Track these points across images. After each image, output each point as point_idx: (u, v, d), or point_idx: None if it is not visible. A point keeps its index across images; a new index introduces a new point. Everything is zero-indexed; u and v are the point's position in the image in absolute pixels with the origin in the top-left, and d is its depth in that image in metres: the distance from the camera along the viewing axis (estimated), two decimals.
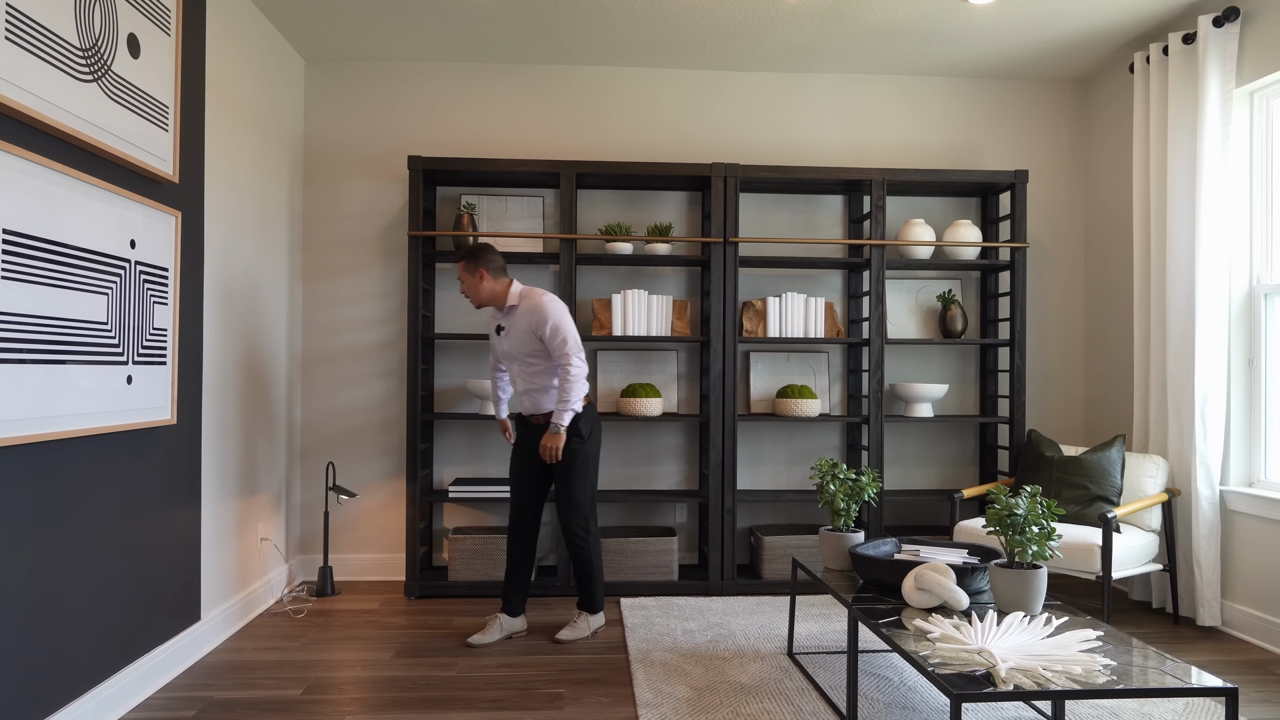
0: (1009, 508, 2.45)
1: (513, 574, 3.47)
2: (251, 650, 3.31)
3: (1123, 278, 4.35)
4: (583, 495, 3.40)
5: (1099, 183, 4.56)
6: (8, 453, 2.18)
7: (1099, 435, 4.53)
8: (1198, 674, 2.04)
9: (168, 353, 2.92)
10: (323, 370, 4.41)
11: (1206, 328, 3.63)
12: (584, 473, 3.40)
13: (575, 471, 3.38)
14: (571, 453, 3.36)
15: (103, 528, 2.61)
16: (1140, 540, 3.58)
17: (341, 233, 4.43)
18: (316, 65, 4.43)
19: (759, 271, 4.56)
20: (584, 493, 3.41)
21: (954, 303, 4.39)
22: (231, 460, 3.55)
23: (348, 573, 4.38)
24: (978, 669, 2.02)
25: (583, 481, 3.40)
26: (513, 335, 3.39)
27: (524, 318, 3.35)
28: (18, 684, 2.23)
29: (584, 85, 4.51)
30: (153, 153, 2.80)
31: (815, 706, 2.75)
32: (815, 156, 4.58)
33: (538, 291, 3.38)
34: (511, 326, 3.40)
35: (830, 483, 3.13)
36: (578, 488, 3.39)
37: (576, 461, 3.38)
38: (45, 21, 2.25)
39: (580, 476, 3.39)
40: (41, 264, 2.26)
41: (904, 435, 4.60)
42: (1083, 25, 3.96)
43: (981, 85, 4.65)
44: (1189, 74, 3.74)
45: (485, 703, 2.80)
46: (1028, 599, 2.42)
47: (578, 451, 3.37)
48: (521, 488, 3.47)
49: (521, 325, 3.35)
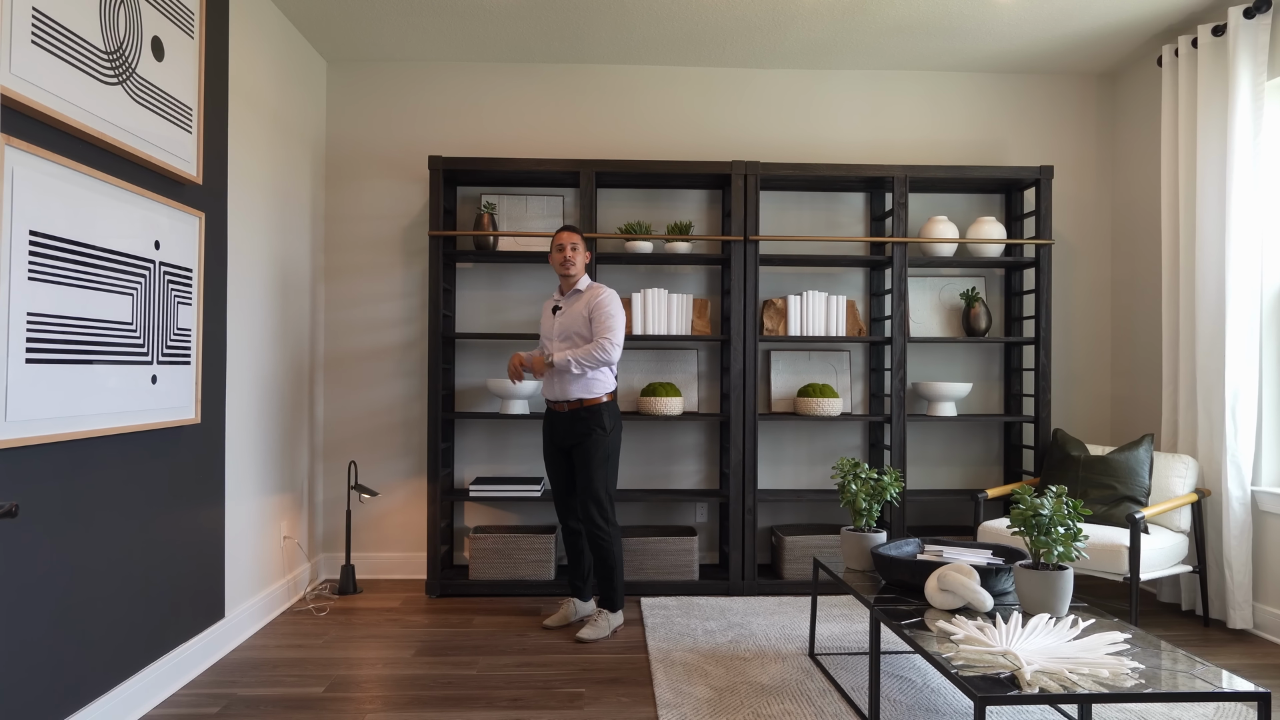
0: (1034, 508, 2.41)
1: (575, 563, 3.65)
2: (274, 648, 3.34)
3: (1150, 274, 4.27)
4: (601, 486, 3.46)
5: (1126, 178, 4.49)
6: (39, 451, 2.21)
7: (1126, 435, 4.46)
8: (1228, 678, 2.00)
9: (191, 353, 2.95)
10: (345, 369, 4.44)
11: (1237, 325, 3.56)
12: (604, 464, 3.47)
13: (596, 462, 3.45)
14: (594, 444, 3.45)
15: (128, 526, 2.65)
16: (1169, 541, 3.52)
17: (363, 233, 4.45)
18: (338, 66, 4.46)
19: (780, 270, 4.53)
20: (603, 484, 3.47)
21: (978, 300, 4.34)
22: (255, 459, 3.58)
23: (370, 571, 4.41)
24: (1002, 671, 1.99)
25: (603, 473, 3.47)
26: (568, 315, 3.52)
27: (584, 301, 3.50)
28: (46, 679, 2.26)
29: (603, 84, 4.50)
30: (176, 154, 2.83)
31: (837, 708, 2.73)
32: (836, 153, 4.54)
33: (605, 287, 3.61)
34: (569, 308, 3.53)
35: (852, 482, 3.10)
36: (597, 477, 3.45)
37: (598, 452, 3.45)
38: (71, 25, 2.28)
39: (601, 467, 3.46)
40: (69, 265, 2.29)
41: (927, 434, 4.56)
42: (1109, 19, 3.90)
43: (1005, 80, 4.59)
44: (1219, 67, 3.67)
45: (505, 701, 2.80)
46: (1053, 601, 2.38)
47: (599, 443, 3.45)
48: (555, 479, 3.63)
49: (579, 307, 3.50)
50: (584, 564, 3.65)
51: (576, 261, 3.53)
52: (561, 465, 3.61)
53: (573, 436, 3.50)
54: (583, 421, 3.47)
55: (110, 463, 2.54)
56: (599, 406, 3.48)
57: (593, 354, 3.40)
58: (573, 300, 3.54)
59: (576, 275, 3.55)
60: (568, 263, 3.52)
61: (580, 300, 3.52)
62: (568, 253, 3.51)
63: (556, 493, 3.64)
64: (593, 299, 3.48)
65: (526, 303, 4.46)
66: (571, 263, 3.52)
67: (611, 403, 3.53)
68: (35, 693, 2.22)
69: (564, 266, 3.53)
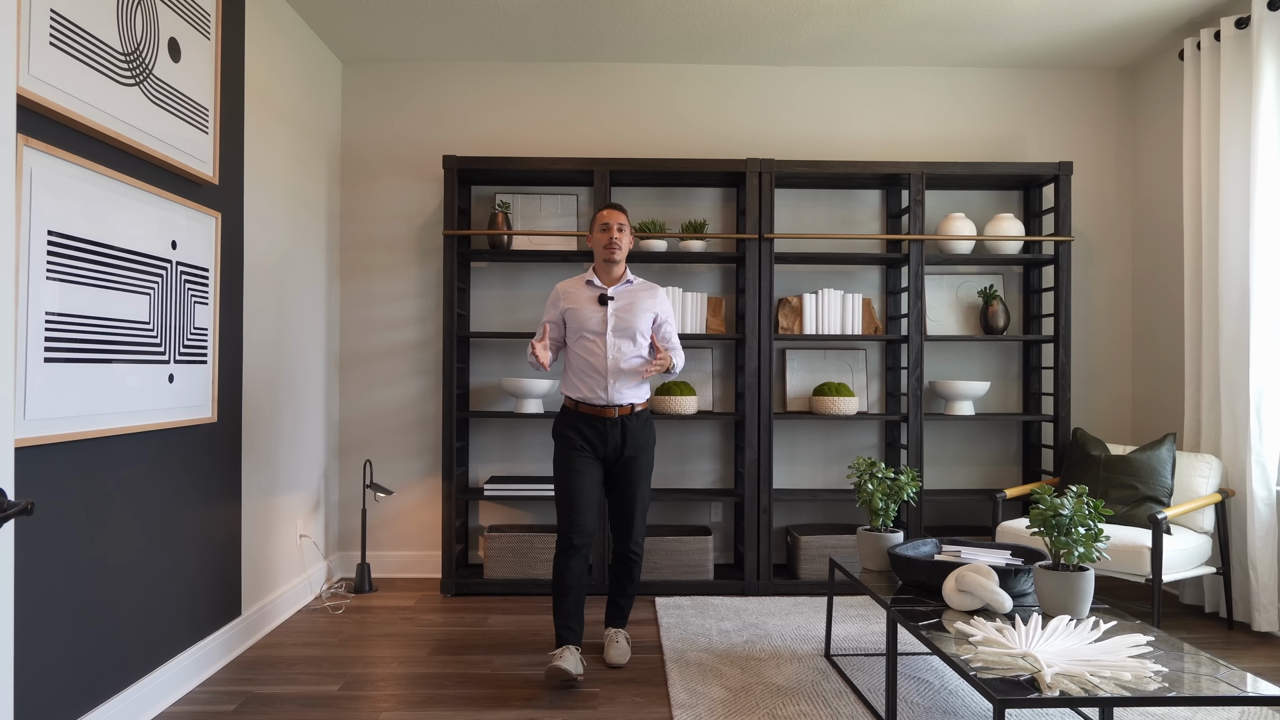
0: (1054, 508, 2.38)
1: (578, 601, 3.04)
2: (290, 646, 3.35)
3: (1172, 271, 4.22)
4: (645, 505, 3.14)
5: (1147, 174, 4.43)
6: (57, 449, 2.22)
7: (1148, 434, 4.40)
8: (1253, 681, 1.96)
9: (208, 352, 2.97)
10: (360, 369, 4.45)
11: (1261, 322, 3.50)
12: (649, 481, 3.15)
13: (645, 480, 3.11)
14: (648, 456, 3.12)
15: (146, 524, 2.66)
16: (1192, 542, 3.46)
17: (378, 232, 4.47)
18: (353, 67, 4.47)
19: (795, 268, 4.51)
20: (647, 503, 3.16)
21: (996, 298, 4.30)
22: (271, 458, 3.59)
23: (385, 569, 4.42)
24: (1022, 674, 1.97)
25: (648, 489, 3.16)
26: (631, 310, 3.07)
27: (646, 296, 3.12)
28: (66, 675, 2.28)
29: (617, 82, 4.49)
30: (193, 155, 2.84)
31: (853, 709, 2.71)
32: (852, 151, 4.51)
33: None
34: (627, 301, 3.09)
35: (868, 482, 3.08)
36: (646, 496, 3.13)
37: (649, 466, 3.13)
38: (88, 27, 2.30)
39: (648, 484, 3.14)
40: (86, 265, 2.31)
41: (944, 433, 4.52)
42: (1129, 12, 3.84)
43: (1024, 76, 4.54)
44: (1242, 60, 3.61)
45: (520, 701, 2.80)
46: (1074, 602, 2.35)
47: (650, 455, 3.13)
48: (583, 497, 3.02)
49: (645, 304, 3.10)
50: (582, 599, 3.07)
51: (623, 244, 3.09)
52: (593, 477, 3.05)
53: (629, 448, 3.06)
54: (635, 431, 3.06)
55: (128, 461, 2.55)
56: (647, 414, 3.14)
57: (682, 361, 3.16)
58: (628, 293, 3.11)
59: (621, 261, 3.11)
60: (613, 245, 3.06)
61: (637, 295, 3.11)
62: (614, 234, 3.06)
63: (580, 512, 3.00)
64: (655, 296, 3.14)
65: (541, 302, 4.46)
66: (618, 245, 3.06)
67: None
68: (55, 689, 2.24)
69: (609, 250, 3.06)
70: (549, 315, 3.18)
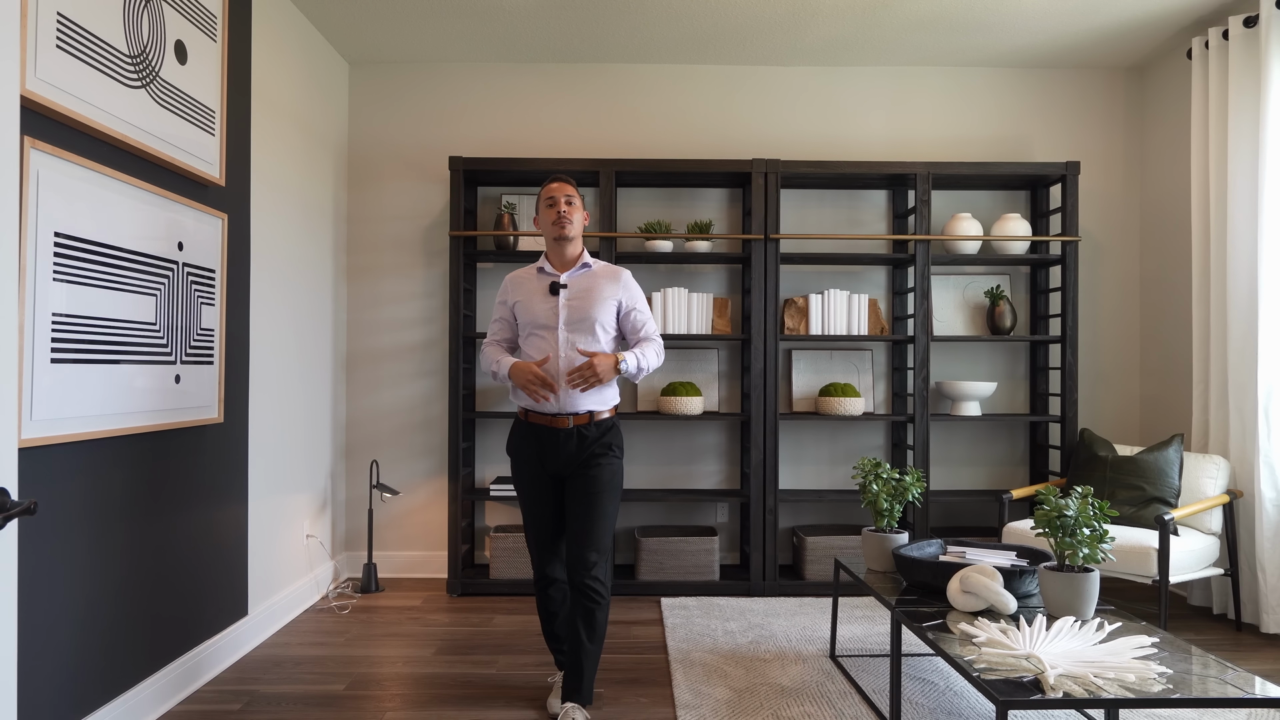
0: (1059, 509, 2.37)
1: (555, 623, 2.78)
2: (297, 645, 3.36)
3: (1180, 272, 4.19)
4: (606, 526, 2.58)
5: (1155, 174, 4.41)
6: (64, 449, 2.24)
7: (1156, 435, 4.38)
8: (1261, 684, 1.95)
9: (214, 353, 2.98)
10: (366, 369, 4.47)
11: (1270, 323, 3.48)
12: (615, 497, 2.62)
13: (607, 494, 2.59)
14: (606, 470, 2.60)
15: (152, 524, 2.68)
16: (1200, 543, 3.44)
17: (384, 233, 4.48)
18: (360, 68, 4.49)
19: (801, 268, 4.50)
20: (609, 523, 2.59)
21: (1002, 298, 4.28)
22: (277, 458, 3.61)
23: (391, 570, 4.44)
24: (1025, 675, 1.96)
25: (613, 508, 2.62)
26: (586, 297, 2.62)
27: (607, 282, 2.66)
28: (71, 675, 2.29)
29: (623, 83, 4.50)
30: (200, 157, 2.86)
31: (858, 710, 2.70)
32: (858, 151, 4.50)
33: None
34: (585, 286, 2.64)
35: (873, 482, 3.07)
36: (608, 514, 2.58)
37: (611, 481, 2.61)
38: (94, 29, 2.31)
39: (611, 500, 2.60)
40: (93, 266, 2.32)
41: (950, 434, 4.50)
42: (1137, 11, 3.83)
43: (1030, 75, 4.53)
44: (1251, 59, 3.59)
45: (524, 701, 2.81)
46: (1078, 603, 2.34)
47: (612, 470, 2.61)
48: (540, 518, 2.68)
49: (605, 290, 2.64)
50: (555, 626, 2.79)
51: (574, 219, 2.64)
52: (550, 498, 2.65)
53: (577, 461, 2.59)
54: (594, 440, 2.59)
55: (134, 462, 2.57)
56: (612, 421, 2.66)
57: (657, 355, 2.65)
58: (583, 278, 2.66)
59: (574, 239, 2.65)
60: (562, 220, 2.61)
61: (595, 279, 2.66)
62: (561, 207, 2.62)
63: (541, 536, 2.68)
64: (618, 280, 2.67)
65: None
66: (568, 220, 2.61)
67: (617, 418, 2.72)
68: (61, 689, 2.25)
69: (558, 226, 2.61)
70: (498, 313, 2.77)
